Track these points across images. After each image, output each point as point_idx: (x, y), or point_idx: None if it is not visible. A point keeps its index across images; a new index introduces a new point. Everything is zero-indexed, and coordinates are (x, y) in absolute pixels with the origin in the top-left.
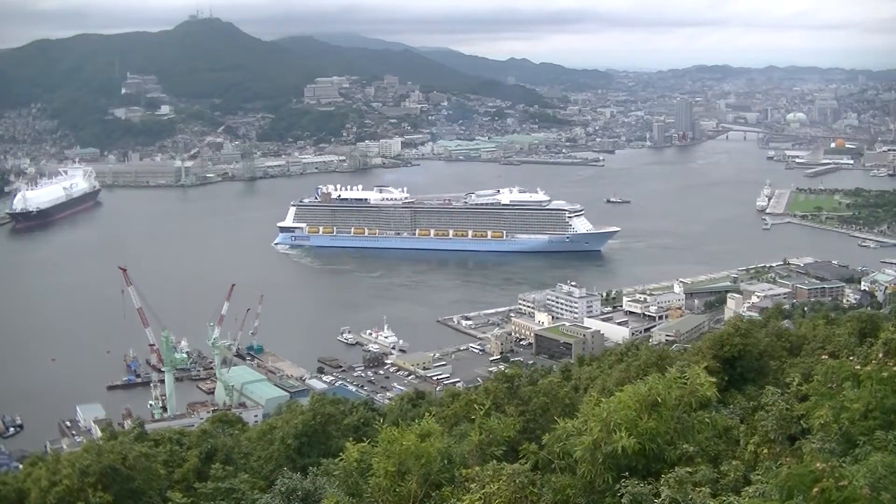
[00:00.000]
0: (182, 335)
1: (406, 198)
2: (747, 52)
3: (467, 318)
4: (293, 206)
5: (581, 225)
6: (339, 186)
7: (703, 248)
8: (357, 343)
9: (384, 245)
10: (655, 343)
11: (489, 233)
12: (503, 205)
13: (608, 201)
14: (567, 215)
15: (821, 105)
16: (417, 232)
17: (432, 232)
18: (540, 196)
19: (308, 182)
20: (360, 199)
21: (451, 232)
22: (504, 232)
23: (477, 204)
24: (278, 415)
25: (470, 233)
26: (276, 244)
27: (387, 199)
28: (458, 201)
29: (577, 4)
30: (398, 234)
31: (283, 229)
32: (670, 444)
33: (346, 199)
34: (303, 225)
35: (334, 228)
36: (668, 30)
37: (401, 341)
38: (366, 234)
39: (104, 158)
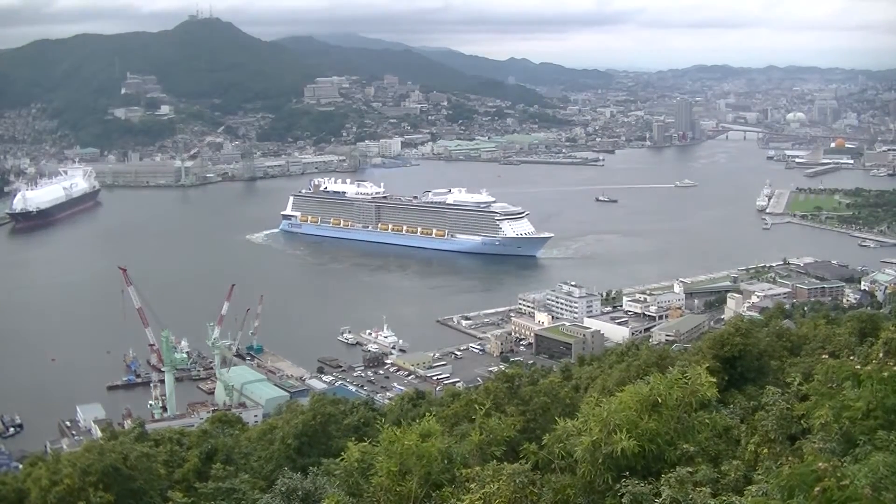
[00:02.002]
0: (182, 335)
1: (376, 193)
2: (747, 52)
3: (467, 318)
4: (292, 196)
5: (511, 228)
6: (330, 180)
7: (676, 251)
8: (357, 343)
9: (354, 237)
10: (655, 343)
11: (434, 231)
12: (446, 205)
13: (597, 200)
14: (496, 218)
15: (821, 105)
16: (379, 226)
17: (390, 227)
18: (483, 197)
19: (308, 182)
20: (339, 192)
21: (404, 228)
22: (446, 231)
23: (427, 202)
24: (278, 415)
25: (419, 230)
26: (248, 237)
27: (359, 193)
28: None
29: (620, 6)
30: (365, 226)
31: (284, 216)
32: (671, 445)
33: (329, 191)
34: (297, 213)
35: (319, 218)
36: (700, 30)
37: (401, 341)
38: (341, 225)
39: (104, 158)
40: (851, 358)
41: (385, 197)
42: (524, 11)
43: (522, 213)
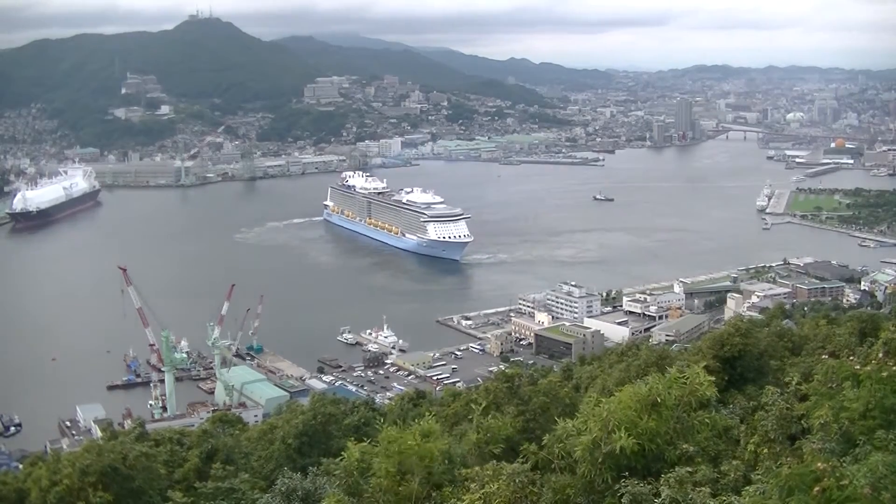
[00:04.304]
0: (182, 335)
1: (373, 188)
2: (747, 52)
3: (467, 318)
4: (330, 187)
5: (434, 231)
6: (354, 174)
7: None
8: (357, 343)
9: (355, 228)
10: (655, 343)
11: (393, 229)
12: (401, 204)
13: (595, 198)
14: (422, 219)
15: (821, 105)
16: (366, 221)
17: (371, 222)
18: (427, 197)
19: (308, 182)
20: (350, 186)
21: (378, 224)
22: (399, 230)
23: (392, 201)
24: (278, 415)
25: (386, 227)
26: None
27: (362, 188)
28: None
29: (676, 7)
30: (361, 220)
31: (325, 206)
32: (670, 444)
33: (347, 185)
34: (331, 204)
35: (340, 210)
36: (740, 32)
37: (401, 341)
38: (348, 217)
39: (104, 158)
40: (851, 358)
41: (380, 193)
42: (582, 10)
43: (459, 215)
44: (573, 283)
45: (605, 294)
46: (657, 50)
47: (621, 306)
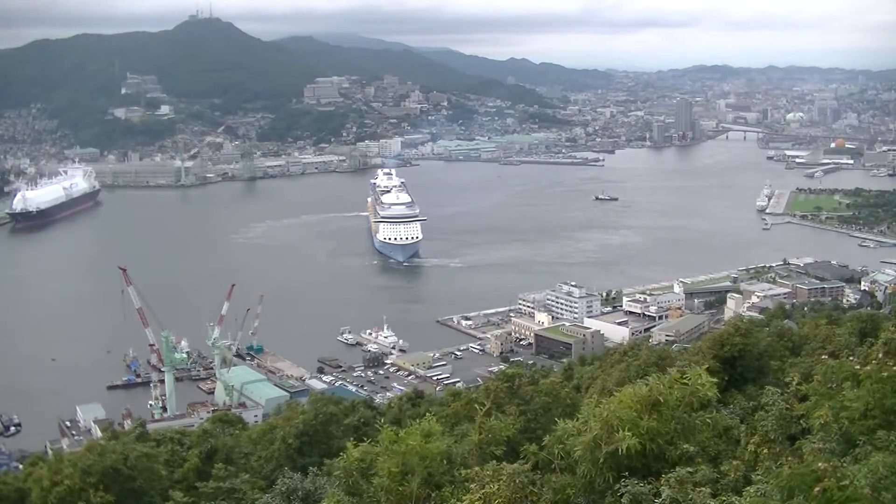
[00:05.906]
0: (182, 335)
1: (385, 186)
2: (747, 52)
3: (467, 318)
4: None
5: (382, 232)
6: (382, 171)
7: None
8: (357, 343)
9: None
10: (655, 343)
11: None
12: (381, 203)
13: (597, 198)
14: (374, 220)
15: (821, 105)
16: (371, 218)
17: (371, 219)
18: (393, 198)
19: (308, 182)
20: (373, 183)
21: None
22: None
23: (380, 201)
24: (278, 415)
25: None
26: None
27: (378, 186)
28: None
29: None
30: (371, 216)
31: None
32: (671, 444)
33: (373, 181)
34: (369, 200)
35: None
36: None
37: (401, 341)
38: (370, 213)
39: (104, 158)
40: (851, 358)
41: (388, 191)
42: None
43: (411, 217)
44: (573, 283)
45: (605, 294)
46: (657, 50)
47: (621, 306)
